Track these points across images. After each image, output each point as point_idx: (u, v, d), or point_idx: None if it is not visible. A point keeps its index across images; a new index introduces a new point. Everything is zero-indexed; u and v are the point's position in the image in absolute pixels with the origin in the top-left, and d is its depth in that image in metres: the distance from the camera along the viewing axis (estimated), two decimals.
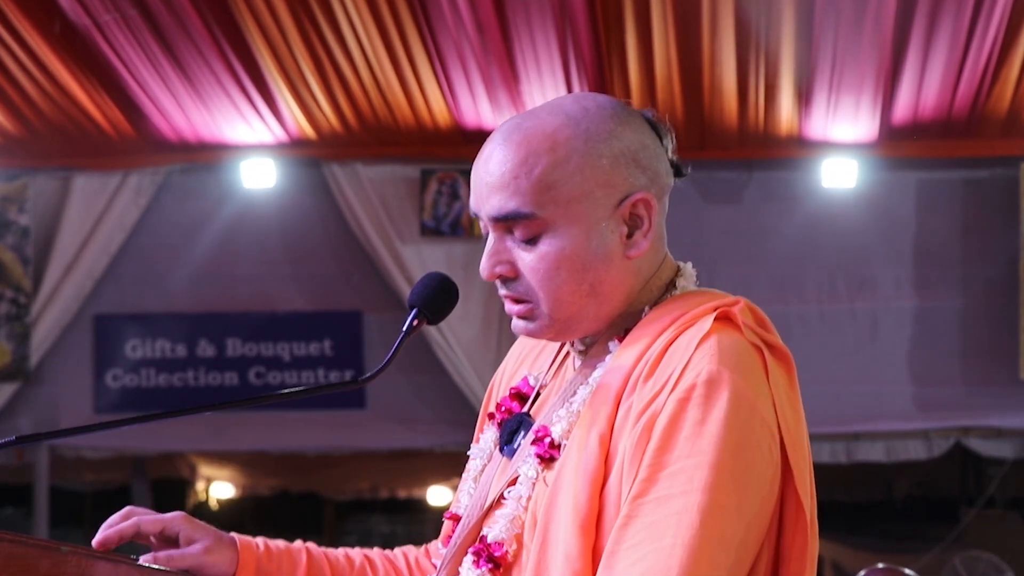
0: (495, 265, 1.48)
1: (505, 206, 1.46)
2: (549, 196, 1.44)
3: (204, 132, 6.14)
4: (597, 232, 1.46)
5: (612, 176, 1.46)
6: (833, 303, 6.32)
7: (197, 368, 6.53)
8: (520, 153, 1.45)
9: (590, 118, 1.47)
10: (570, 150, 1.45)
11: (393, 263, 6.29)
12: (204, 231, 6.44)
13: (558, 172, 1.44)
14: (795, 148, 6.18)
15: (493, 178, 1.46)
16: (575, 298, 1.46)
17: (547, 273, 1.45)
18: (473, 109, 5.86)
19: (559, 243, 1.45)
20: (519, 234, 1.46)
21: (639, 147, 1.48)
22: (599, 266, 1.45)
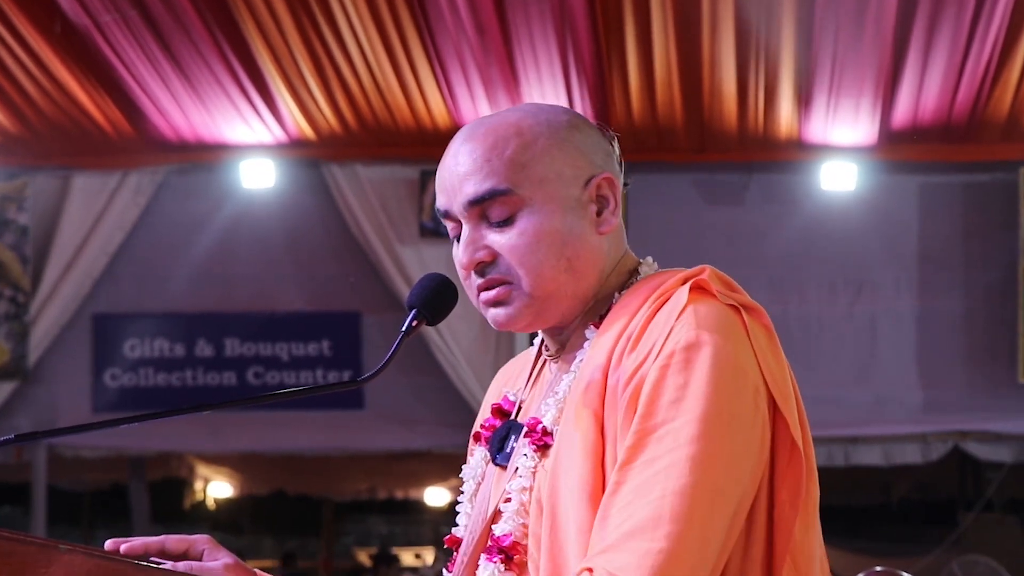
0: (474, 252, 1.51)
1: (481, 187, 1.49)
2: (523, 174, 1.49)
3: (203, 132, 6.14)
4: (570, 208, 1.50)
5: (577, 158, 1.52)
6: (833, 306, 6.32)
7: (195, 368, 6.53)
8: (488, 140, 1.50)
9: (547, 112, 1.54)
10: (535, 134, 1.51)
11: (392, 264, 6.29)
12: (203, 231, 6.44)
13: (528, 152, 1.49)
14: (795, 151, 6.18)
15: (464, 167, 1.51)
16: (555, 273, 1.49)
17: (528, 248, 1.49)
18: (472, 110, 5.86)
19: (537, 219, 1.49)
20: (495, 215, 1.50)
21: (595, 140, 1.54)
22: (575, 242, 1.49)
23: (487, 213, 1.50)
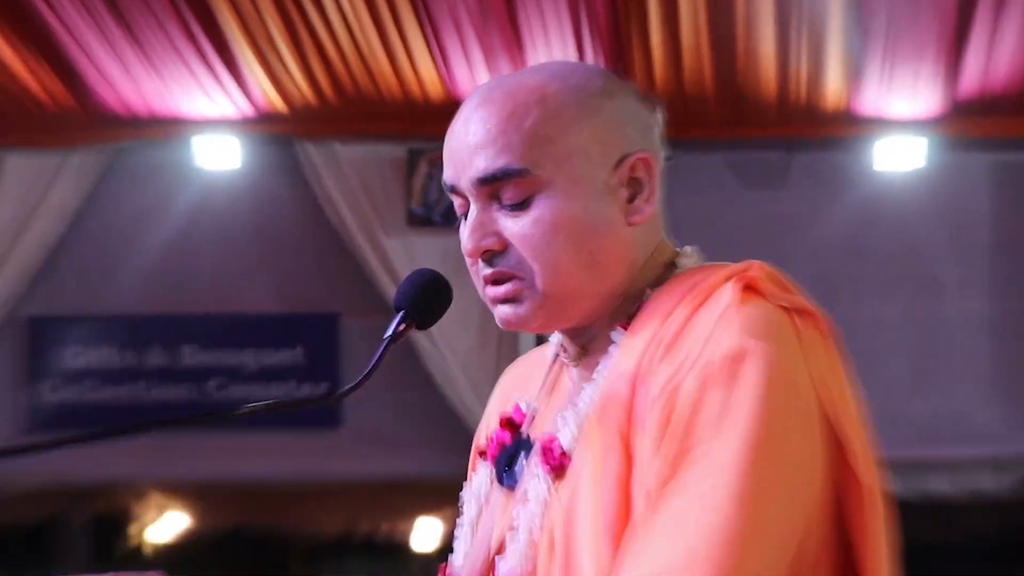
0: (481, 238, 1.50)
1: (493, 164, 1.48)
2: (543, 151, 1.47)
3: (157, 104, 6.14)
4: (596, 193, 1.48)
5: (609, 133, 1.49)
6: (889, 307, 6.31)
7: (147, 380, 6.53)
8: (506, 107, 1.48)
9: (578, 75, 1.52)
10: (561, 103, 1.48)
11: (376, 258, 6.29)
12: (157, 220, 6.43)
13: (551, 125, 1.47)
14: (844, 125, 6.17)
15: (476, 138, 1.49)
16: (573, 269, 1.47)
17: (543, 238, 1.47)
18: (469, 79, 5.85)
19: (556, 204, 1.47)
20: (508, 197, 1.48)
21: (633, 109, 1.52)
22: (600, 232, 1.48)
23: (499, 194, 1.49)
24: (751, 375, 1.35)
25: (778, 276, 1.46)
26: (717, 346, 1.37)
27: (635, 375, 1.41)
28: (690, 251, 1.55)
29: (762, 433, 1.33)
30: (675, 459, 1.33)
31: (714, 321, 1.39)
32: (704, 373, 1.36)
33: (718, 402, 1.34)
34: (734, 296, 1.40)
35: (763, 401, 1.34)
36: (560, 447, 1.46)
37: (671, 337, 1.40)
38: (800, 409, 1.36)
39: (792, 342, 1.39)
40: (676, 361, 1.38)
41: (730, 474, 1.31)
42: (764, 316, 1.39)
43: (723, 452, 1.32)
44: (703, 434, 1.34)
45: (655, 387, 1.38)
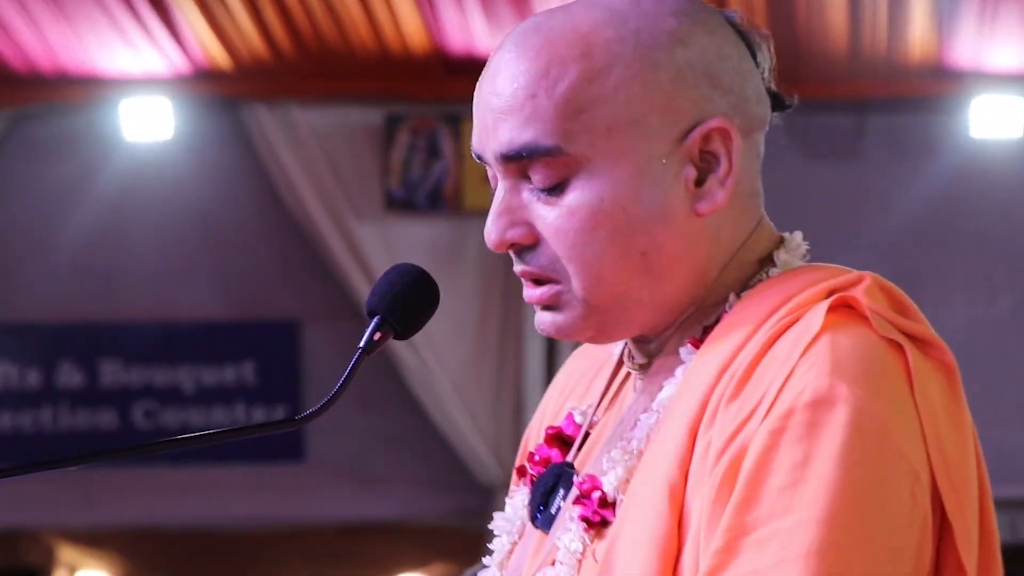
0: (507, 228, 1.47)
1: (518, 137, 1.44)
2: (580, 122, 1.43)
3: (68, 60, 6.14)
4: (651, 175, 1.44)
5: (674, 96, 1.44)
6: (989, 306, 6.31)
7: (58, 403, 6.53)
8: (540, 62, 1.44)
9: (643, 14, 1.46)
10: (612, 57, 1.44)
11: (346, 250, 6.30)
12: (70, 205, 6.44)
13: (594, 88, 1.43)
14: (932, 82, 6.17)
15: (502, 99, 1.45)
16: (620, 274, 1.45)
17: (579, 235, 1.44)
18: (461, 26, 5.86)
19: (596, 190, 1.44)
20: (538, 180, 1.45)
21: (716, 57, 1.47)
22: (655, 226, 1.44)
23: (528, 173, 1.46)
24: (836, 431, 1.32)
25: (896, 294, 1.43)
26: (797, 390, 1.34)
27: (698, 417, 1.38)
28: (795, 244, 1.50)
29: (845, 505, 1.30)
30: (736, 537, 1.32)
31: (797, 355, 1.35)
32: (777, 426, 1.33)
33: (791, 465, 1.32)
34: (825, 321, 1.37)
35: (850, 464, 1.31)
36: (601, 496, 1.45)
37: (744, 371, 1.37)
38: (900, 474, 1.34)
39: (897, 387, 1.36)
40: (747, 406, 1.35)
41: (803, 562, 1.29)
42: (861, 350, 1.35)
43: (796, 531, 1.30)
44: (772, 508, 1.31)
45: (718, 439, 1.35)
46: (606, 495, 1.45)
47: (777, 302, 1.42)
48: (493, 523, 1.59)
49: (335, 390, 1.51)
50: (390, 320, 1.54)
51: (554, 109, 1.43)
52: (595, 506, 1.45)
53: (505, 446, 6.31)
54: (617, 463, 1.45)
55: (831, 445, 1.32)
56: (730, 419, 1.36)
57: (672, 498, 1.37)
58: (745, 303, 1.45)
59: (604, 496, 1.45)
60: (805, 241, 1.52)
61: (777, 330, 1.38)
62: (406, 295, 1.55)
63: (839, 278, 1.43)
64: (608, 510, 1.44)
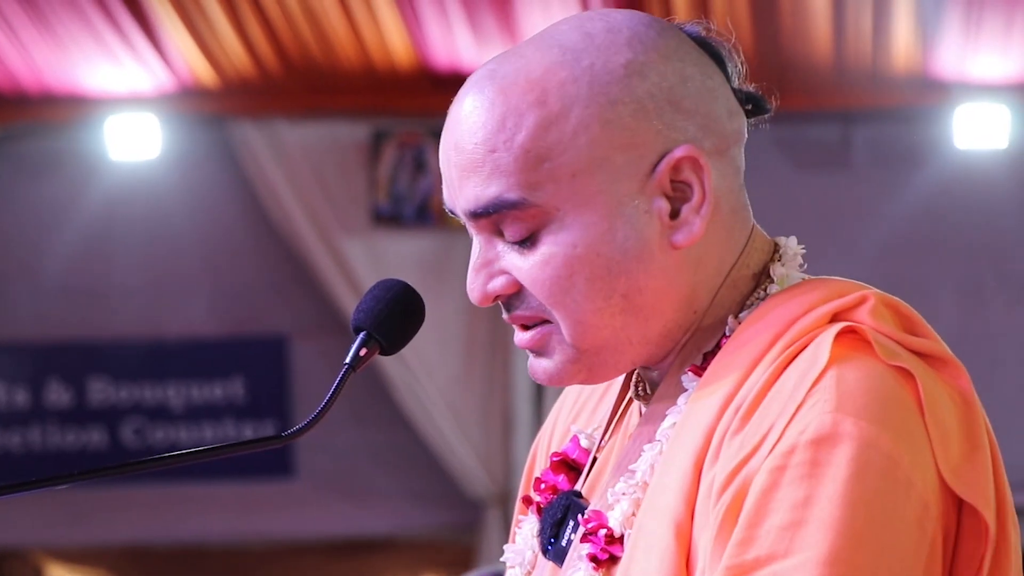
0: (487, 281, 1.46)
1: (483, 194, 1.43)
2: (543, 172, 1.41)
3: (52, 78, 6.14)
4: (623, 215, 1.42)
5: (637, 131, 1.42)
6: (979, 313, 6.31)
7: (46, 421, 6.52)
8: (495, 114, 1.42)
9: (596, 48, 1.43)
10: (567, 99, 1.41)
11: (333, 265, 6.29)
12: (56, 224, 6.43)
13: (553, 135, 1.41)
14: (917, 92, 6.17)
15: (463, 156, 1.44)
16: (603, 318, 1.44)
17: (557, 284, 1.43)
18: (446, 41, 5.86)
19: (568, 238, 1.42)
20: (510, 233, 1.44)
21: (677, 82, 1.44)
22: (632, 266, 1.43)
23: (500, 227, 1.45)
24: (839, 469, 1.30)
25: (903, 310, 1.40)
26: (801, 427, 1.32)
27: (703, 451, 1.36)
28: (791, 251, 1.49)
29: (847, 546, 1.28)
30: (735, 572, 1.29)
31: (804, 392, 1.33)
32: (780, 463, 1.31)
33: (792, 504, 1.30)
34: (832, 354, 1.34)
35: (854, 504, 1.29)
36: (608, 533, 1.43)
37: (749, 405, 1.35)
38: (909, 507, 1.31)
39: (907, 416, 1.33)
40: (751, 441, 1.33)
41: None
42: (867, 383, 1.33)
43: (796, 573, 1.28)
44: (773, 548, 1.29)
45: (722, 473, 1.34)
46: (612, 531, 1.44)
47: (780, 328, 1.40)
48: (505, 555, 1.58)
49: (321, 406, 1.51)
50: (376, 336, 1.55)
51: (515, 162, 1.41)
52: (602, 543, 1.44)
53: (495, 460, 6.30)
54: (622, 498, 1.44)
55: (834, 484, 1.30)
56: (734, 453, 1.34)
57: (679, 535, 1.36)
58: (745, 328, 1.43)
59: (611, 532, 1.44)
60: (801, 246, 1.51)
61: (782, 362, 1.37)
62: (391, 311, 1.56)
63: (842, 299, 1.40)
64: (616, 545, 1.43)
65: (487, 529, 6.23)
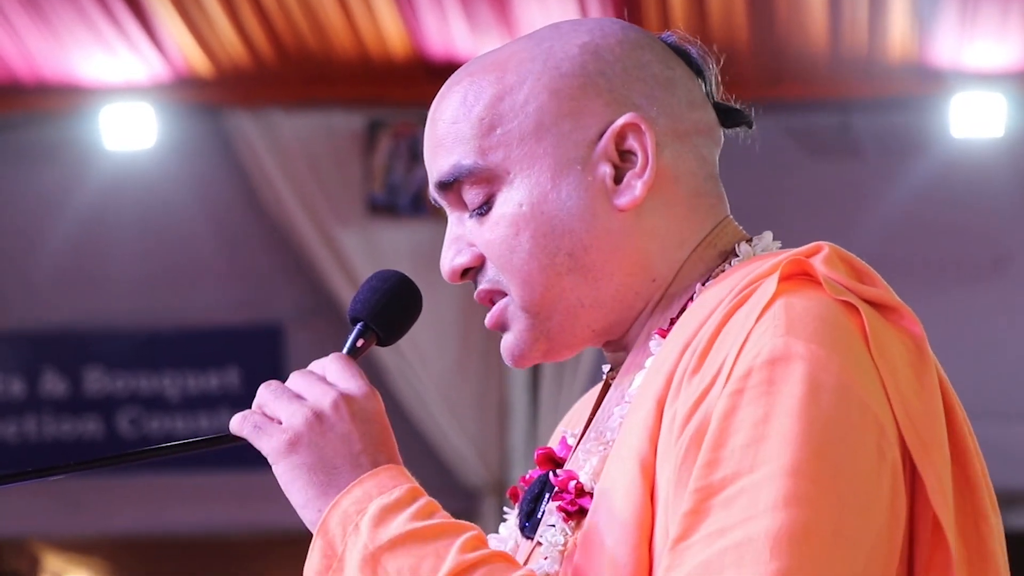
0: (454, 256, 1.53)
1: (445, 164, 1.52)
2: (495, 138, 1.50)
3: (47, 68, 6.13)
4: (567, 177, 1.49)
5: (584, 101, 1.50)
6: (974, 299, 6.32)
7: (41, 411, 6.51)
8: (460, 92, 1.52)
9: (559, 35, 1.53)
10: (523, 73, 1.51)
11: (328, 255, 6.29)
12: (51, 214, 6.43)
13: (505, 104, 1.50)
14: (913, 81, 6.17)
15: (433, 138, 1.53)
16: (550, 277, 1.49)
17: (504, 242, 1.49)
18: (441, 31, 5.85)
19: (515, 198, 1.49)
20: (470, 200, 1.52)
21: (633, 65, 1.51)
22: (576, 225, 1.48)
23: (463, 198, 1.53)
24: (794, 386, 1.33)
25: (853, 260, 1.44)
26: (754, 352, 1.35)
27: (663, 393, 1.40)
28: (767, 241, 1.53)
29: (810, 456, 1.30)
30: (703, 499, 1.32)
31: (752, 322, 1.37)
32: (737, 387, 1.34)
33: (752, 422, 1.33)
34: (778, 288, 1.38)
35: (811, 415, 1.32)
36: (578, 486, 1.46)
37: (705, 344, 1.39)
38: (866, 425, 1.33)
39: (854, 345, 1.36)
40: (709, 374, 1.37)
41: (771, 515, 1.29)
42: (814, 311, 1.36)
43: (762, 485, 1.30)
44: (738, 466, 1.32)
45: (683, 408, 1.37)
46: (582, 485, 1.47)
47: (735, 282, 1.43)
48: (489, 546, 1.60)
49: None
50: (373, 326, 1.55)
51: (471, 130, 1.50)
52: (572, 496, 1.47)
53: (490, 449, 6.31)
54: (592, 454, 1.48)
55: (791, 400, 1.33)
56: (693, 389, 1.37)
57: (643, 470, 1.39)
58: (708, 290, 1.47)
59: (580, 486, 1.47)
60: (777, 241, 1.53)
61: (736, 303, 1.40)
62: (388, 301, 1.56)
63: (794, 251, 1.45)
64: (585, 498, 1.46)
65: (482, 518, 6.22)
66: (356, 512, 1.41)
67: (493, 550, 1.41)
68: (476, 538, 1.40)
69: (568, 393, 5.95)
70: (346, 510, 1.41)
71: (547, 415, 6.13)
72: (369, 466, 1.44)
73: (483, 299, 1.54)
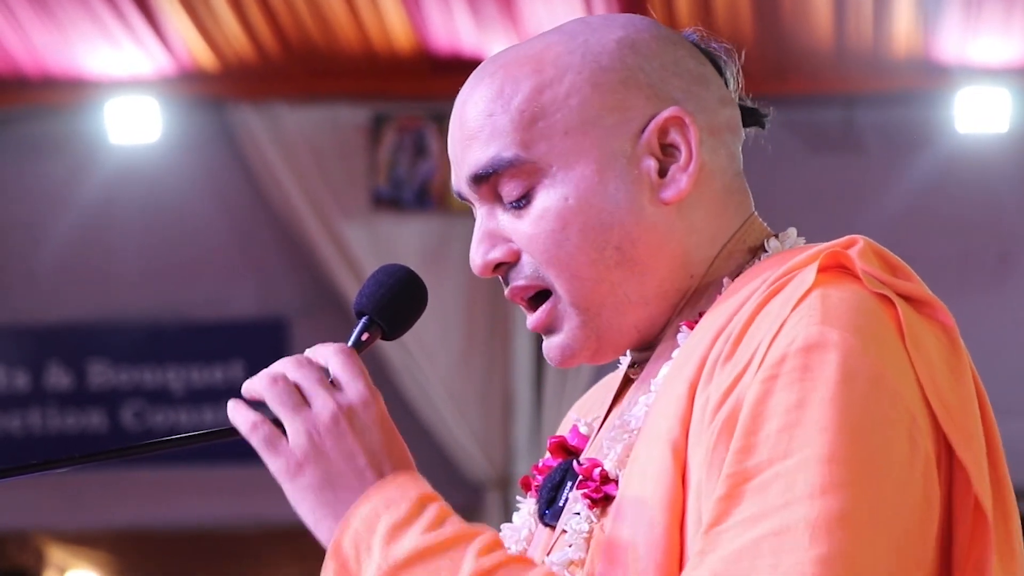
0: (488, 250, 1.51)
1: (482, 156, 1.50)
2: (537, 130, 1.48)
3: (52, 61, 6.13)
4: (613, 171, 1.48)
5: (627, 95, 1.49)
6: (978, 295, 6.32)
7: (46, 405, 6.52)
8: (494, 86, 1.50)
9: (592, 30, 1.52)
10: (562, 67, 1.50)
11: (333, 249, 6.29)
12: (56, 207, 6.43)
13: (546, 96, 1.49)
14: (918, 76, 6.17)
15: (465, 129, 1.52)
16: (598, 269, 1.48)
17: (551, 237, 1.48)
18: (446, 25, 5.85)
19: (560, 192, 1.48)
20: (507, 193, 1.50)
21: (670, 61, 1.52)
22: (624, 218, 1.48)
23: (499, 191, 1.51)
24: (829, 373, 1.33)
25: (888, 256, 1.44)
26: (788, 339, 1.35)
27: (695, 379, 1.40)
28: (791, 236, 1.54)
29: (846, 443, 1.31)
30: (738, 484, 1.32)
31: (788, 310, 1.37)
32: (771, 373, 1.34)
33: (786, 408, 1.33)
34: (816, 279, 1.38)
35: (846, 403, 1.32)
36: (603, 472, 1.47)
37: (739, 331, 1.39)
38: (899, 415, 1.34)
39: (888, 336, 1.36)
40: (742, 360, 1.37)
41: (807, 503, 1.29)
42: (850, 302, 1.37)
43: (798, 471, 1.30)
44: (772, 451, 1.32)
45: (715, 394, 1.37)
46: (607, 472, 1.47)
47: (769, 273, 1.43)
48: (501, 534, 1.59)
49: None
50: (378, 320, 1.55)
51: (511, 123, 1.49)
52: (597, 483, 1.47)
53: (494, 444, 6.31)
54: (616, 441, 1.48)
55: (825, 387, 1.33)
56: (726, 375, 1.37)
57: (675, 454, 1.39)
58: (739, 282, 1.47)
59: (605, 473, 1.47)
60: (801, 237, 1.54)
61: (771, 292, 1.40)
62: (394, 295, 1.56)
63: (830, 244, 1.44)
64: (611, 485, 1.46)
65: (487, 512, 6.23)
66: (367, 531, 1.40)
67: (509, 554, 1.40)
68: (491, 542, 1.39)
69: (572, 388, 5.95)
70: (356, 530, 1.41)
71: (551, 410, 6.13)
72: (374, 479, 1.43)
73: (516, 296, 1.52)
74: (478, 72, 1.53)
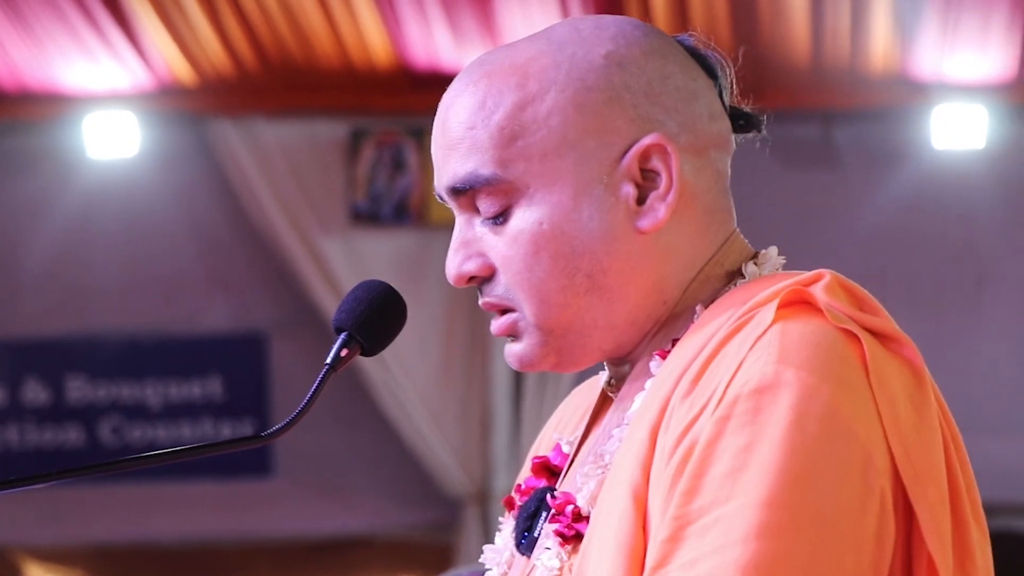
0: (463, 262, 1.50)
1: (460, 169, 1.48)
2: (516, 149, 1.47)
3: (29, 76, 6.12)
4: (590, 197, 1.46)
5: (609, 118, 1.47)
6: (955, 311, 6.33)
7: (23, 420, 6.50)
8: (478, 95, 1.48)
9: (581, 40, 1.49)
10: (546, 83, 1.47)
11: (311, 264, 6.29)
12: (34, 222, 6.42)
13: (527, 114, 1.47)
14: (895, 92, 6.19)
15: (446, 137, 1.50)
16: (567, 296, 1.47)
17: (523, 260, 1.47)
18: (425, 40, 5.85)
19: (536, 215, 1.47)
20: (484, 208, 1.49)
21: (657, 77, 1.49)
22: (597, 246, 1.46)
23: (476, 205, 1.50)
24: (780, 415, 1.31)
25: (855, 289, 1.42)
26: (743, 380, 1.33)
27: (656, 423, 1.39)
28: (772, 257, 1.51)
29: (789, 488, 1.29)
30: (681, 527, 1.32)
31: (747, 349, 1.35)
32: (723, 414, 1.33)
33: (734, 452, 1.31)
34: (777, 315, 1.37)
35: (793, 446, 1.30)
36: (574, 510, 1.46)
37: (698, 370, 1.38)
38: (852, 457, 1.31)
39: (850, 371, 1.34)
40: (700, 401, 1.36)
41: (743, 546, 1.28)
42: (810, 337, 1.35)
43: (736, 516, 1.29)
44: (716, 495, 1.31)
45: (672, 435, 1.36)
46: (579, 509, 1.46)
47: (737, 307, 1.42)
48: (483, 556, 1.60)
49: (301, 407, 1.51)
50: (357, 336, 1.55)
51: (490, 139, 1.47)
52: (569, 520, 1.46)
53: (473, 459, 6.30)
54: (589, 477, 1.47)
55: (775, 429, 1.31)
56: (683, 415, 1.36)
57: (636, 500, 1.38)
58: (709, 313, 1.46)
59: (578, 510, 1.46)
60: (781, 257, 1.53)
61: (732, 331, 1.39)
62: (373, 312, 1.56)
63: (799, 277, 1.43)
64: (582, 523, 1.45)
65: (465, 528, 6.22)
66: None
67: None
68: None
69: (551, 402, 5.94)
70: None
71: (530, 425, 6.12)
72: None
73: (490, 308, 1.52)
74: (464, 75, 1.50)
